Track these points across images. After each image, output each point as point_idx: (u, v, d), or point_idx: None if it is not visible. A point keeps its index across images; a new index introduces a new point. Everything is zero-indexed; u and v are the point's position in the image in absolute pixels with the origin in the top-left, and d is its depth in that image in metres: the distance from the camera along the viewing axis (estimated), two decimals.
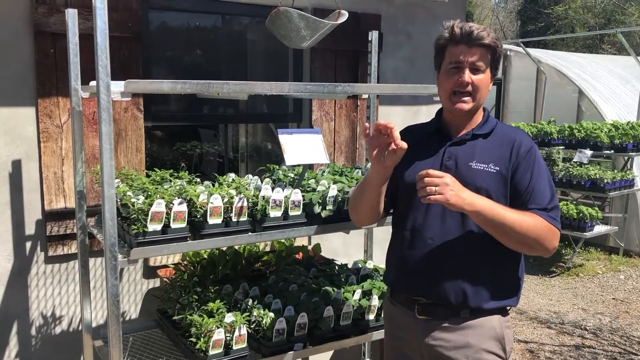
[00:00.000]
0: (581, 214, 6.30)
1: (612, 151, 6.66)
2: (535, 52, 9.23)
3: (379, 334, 2.72)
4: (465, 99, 1.89)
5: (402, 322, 2.06)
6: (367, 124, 1.93)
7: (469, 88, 1.88)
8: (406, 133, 2.08)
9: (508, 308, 2.00)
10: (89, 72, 2.38)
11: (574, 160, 6.85)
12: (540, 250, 1.86)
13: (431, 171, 1.76)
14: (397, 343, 2.11)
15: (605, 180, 6.35)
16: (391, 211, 2.15)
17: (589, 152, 6.65)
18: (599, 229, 6.55)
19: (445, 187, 1.73)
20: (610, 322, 5.16)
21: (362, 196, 2.02)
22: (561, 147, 7.04)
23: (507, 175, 1.88)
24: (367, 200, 2.00)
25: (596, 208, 6.49)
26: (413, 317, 1.99)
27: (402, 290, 2.05)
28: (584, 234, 6.34)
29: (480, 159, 1.91)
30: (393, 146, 1.80)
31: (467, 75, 1.86)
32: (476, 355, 1.91)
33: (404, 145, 1.79)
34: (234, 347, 2.31)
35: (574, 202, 6.79)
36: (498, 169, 1.88)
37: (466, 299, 1.91)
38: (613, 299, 5.77)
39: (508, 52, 9.22)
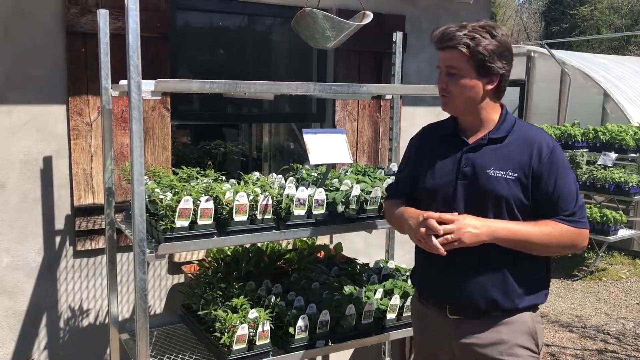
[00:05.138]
0: (605, 218, 6.23)
1: (638, 154, 6.56)
2: (559, 53, 9.14)
3: (399, 333, 2.74)
4: (445, 100, 1.95)
5: (432, 322, 2.07)
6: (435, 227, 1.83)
7: (445, 92, 1.92)
8: (424, 134, 2.18)
9: (538, 304, 2.00)
10: (118, 71, 2.45)
11: (598, 163, 6.77)
12: (568, 252, 1.93)
13: (443, 216, 1.82)
14: (427, 343, 2.12)
15: (630, 184, 6.26)
16: None
17: (613, 155, 6.56)
18: (623, 233, 6.46)
19: (459, 231, 1.78)
20: (634, 327, 5.09)
21: (397, 227, 2.14)
22: (585, 150, 6.97)
23: (527, 182, 1.86)
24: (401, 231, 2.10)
25: (620, 212, 6.41)
26: (444, 316, 2.00)
27: (431, 290, 2.07)
28: (608, 237, 6.27)
29: (497, 165, 1.88)
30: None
31: (441, 80, 1.92)
32: (510, 351, 1.92)
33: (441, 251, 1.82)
34: (257, 343, 2.35)
35: (598, 206, 6.71)
36: (516, 175, 1.86)
37: (496, 302, 1.91)
38: (637, 303, 5.70)
39: (532, 54, 9.14)
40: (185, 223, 2.15)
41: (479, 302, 1.92)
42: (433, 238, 1.81)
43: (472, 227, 1.80)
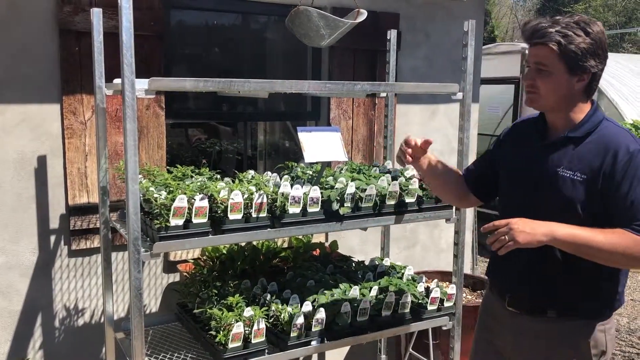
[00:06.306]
0: None
1: None
2: None
3: (395, 331, 2.75)
4: (532, 97, 1.89)
5: (494, 311, 2.12)
6: (409, 158, 2.14)
7: (532, 88, 1.87)
8: (514, 127, 2.18)
9: (603, 312, 1.94)
10: (112, 70, 2.44)
11: None
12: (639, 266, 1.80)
13: (496, 222, 1.78)
14: (486, 331, 2.18)
15: None
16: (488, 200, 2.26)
17: None
18: None
19: (513, 232, 1.73)
20: (628, 323, 5.12)
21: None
22: None
23: (596, 185, 1.79)
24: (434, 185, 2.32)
25: None
26: (503, 307, 2.04)
27: (496, 280, 2.12)
28: None
29: (568, 165, 1.84)
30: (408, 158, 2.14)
31: (529, 75, 1.87)
32: (557, 356, 1.93)
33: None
34: (253, 341, 2.35)
35: None
36: (585, 177, 1.80)
37: (550, 299, 1.92)
38: (631, 299, 5.73)
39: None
40: (180, 222, 2.14)
41: (533, 294, 1.95)
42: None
43: (528, 227, 1.74)
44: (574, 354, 1.92)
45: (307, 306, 2.50)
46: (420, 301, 2.80)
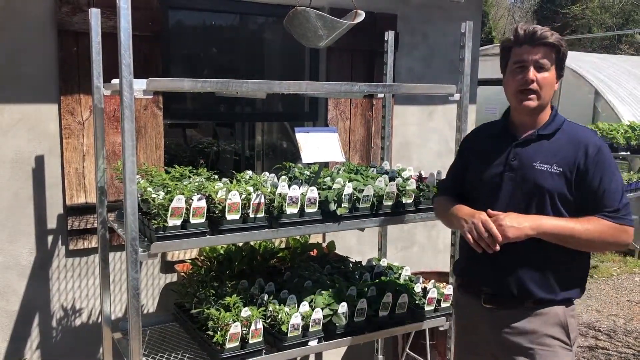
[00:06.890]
0: None
1: (629, 152, 6.62)
2: None
3: (391, 331, 2.75)
4: (531, 96, 1.97)
5: (469, 311, 2.16)
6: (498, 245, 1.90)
7: (534, 86, 1.95)
8: (476, 132, 2.28)
9: (573, 299, 2.05)
10: (110, 70, 2.45)
11: None
12: (612, 248, 1.98)
13: (491, 211, 1.92)
14: (465, 332, 2.21)
15: None
16: None
17: None
18: None
19: (502, 227, 1.86)
20: (624, 323, 5.13)
21: (447, 223, 2.25)
22: None
23: (571, 177, 1.93)
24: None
25: None
26: (479, 305, 2.08)
27: (470, 280, 2.16)
28: None
29: (543, 159, 1.97)
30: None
31: (532, 73, 1.94)
32: (541, 340, 1.99)
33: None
34: (250, 341, 2.35)
35: None
36: (561, 169, 1.93)
37: (529, 292, 1.98)
38: (628, 300, 5.74)
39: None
40: (178, 222, 2.15)
41: (513, 291, 1.99)
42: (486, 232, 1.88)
43: (515, 222, 1.86)
44: (553, 342, 1.99)
45: (305, 306, 2.50)
46: (417, 302, 2.81)
